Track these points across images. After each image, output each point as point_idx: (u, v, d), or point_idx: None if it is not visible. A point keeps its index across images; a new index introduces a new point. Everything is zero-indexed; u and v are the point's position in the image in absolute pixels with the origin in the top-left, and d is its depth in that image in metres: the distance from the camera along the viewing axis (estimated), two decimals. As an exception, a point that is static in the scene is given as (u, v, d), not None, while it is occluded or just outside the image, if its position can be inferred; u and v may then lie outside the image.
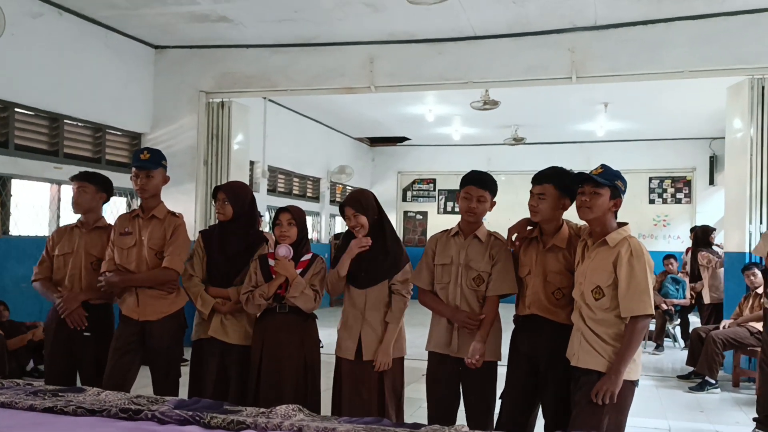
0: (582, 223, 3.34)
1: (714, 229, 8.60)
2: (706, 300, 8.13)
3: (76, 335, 4.02)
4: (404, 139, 14.65)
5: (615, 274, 3.05)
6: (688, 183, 13.72)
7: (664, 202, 13.87)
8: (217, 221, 4.09)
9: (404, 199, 15.72)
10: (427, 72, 7.40)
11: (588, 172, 3.22)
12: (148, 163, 3.97)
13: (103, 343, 4.00)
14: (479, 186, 3.51)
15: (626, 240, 3.10)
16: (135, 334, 3.90)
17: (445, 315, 3.57)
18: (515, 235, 3.53)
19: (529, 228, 3.54)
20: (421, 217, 15.60)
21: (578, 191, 3.18)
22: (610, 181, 3.12)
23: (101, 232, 4.13)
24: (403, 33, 7.23)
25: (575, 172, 3.48)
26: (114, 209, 7.50)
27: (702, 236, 8.52)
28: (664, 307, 8.73)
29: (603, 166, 3.20)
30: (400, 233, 15.50)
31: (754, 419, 5.21)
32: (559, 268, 3.38)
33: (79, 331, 4.00)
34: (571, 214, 3.39)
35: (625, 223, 3.20)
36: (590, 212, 3.13)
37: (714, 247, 8.47)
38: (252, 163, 9.98)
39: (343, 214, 3.71)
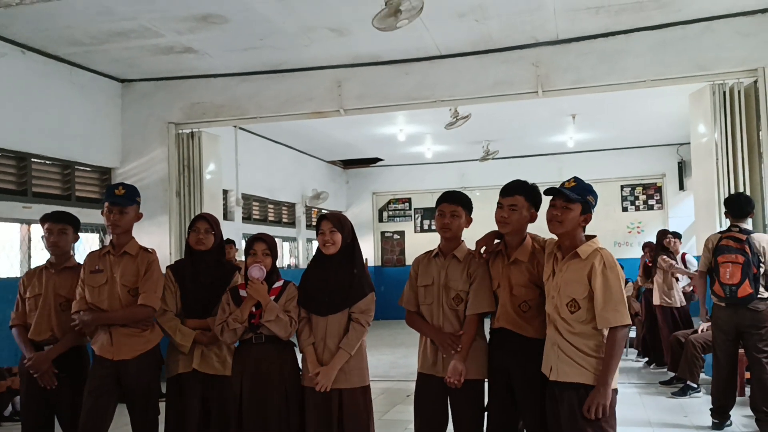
0: (548, 236, 3.38)
1: (667, 233, 8.28)
2: (655, 301, 7.77)
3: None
4: (377, 159, 14.71)
5: (590, 287, 3.07)
6: (659, 189, 13.91)
7: (637, 209, 14.05)
8: (185, 254, 4.08)
9: (380, 220, 15.73)
10: (394, 93, 7.46)
11: (560, 183, 3.25)
12: (123, 199, 3.92)
13: (79, 384, 3.93)
14: (450, 202, 3.60)
15: (598, 252, 3.12)
16: (110, 375, 3.81)
17: (429, 336, 3.60)
18: (483, 248, 3.56)
19: (496, 241, 3.58)
20: (399, 237, 15.61)
21: (550, 203, 3.22)
22: (582, 197, 3.16)
23: (70, 272, 4.06)
24: (368, 55, 7.29)
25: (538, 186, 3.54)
26: (87, 246, 7.41)
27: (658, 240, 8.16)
28: (643, 313, 8.78)
29: (576, 179, 3.23)
30: (378, 254, 15.50)
31: (711, 410, 5.49)
32: (523, 281, 3.41)
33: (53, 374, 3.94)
34: (537, 228, 3.44)
35: (594, 236, 3.23)
36: (561, 227, 3.16)
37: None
38: (225, 191, 9.93)
39: (318, 228, 3.69)
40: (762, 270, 5.16)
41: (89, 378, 3.85)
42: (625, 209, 14.09)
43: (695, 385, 6.57)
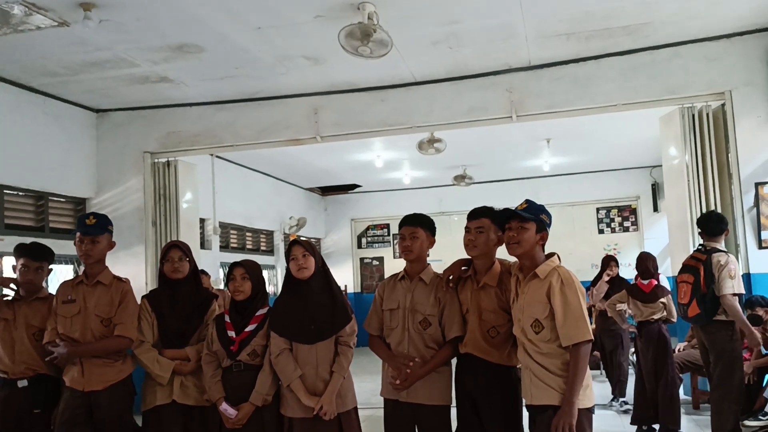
0: (513, 260, 3.41)
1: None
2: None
3: (24, 413, 3.88)
4: (355, 186, 14.73)
5: (550, 305, 3.10)
6: (633, 211, 14.08)
7: (613, 231, 14.18)
8: (159, 283, 4.04)
9: (359, 246, 15.71)
10: (370, 119, 7.50)
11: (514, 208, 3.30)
12: (94, 229, 3.89)
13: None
14: (410, 224, 3.66)
15: (555, 270, 3.17)
16: (81, 405, 3.75)
17: (385, 360, 3.61)
18: (450, 276, 3.57)
19: (463, 268, 3.59)
20: (378, 263, 15.59)
21: (506, 227, 3.27)
22: (534, 216, 3.22)
23: (42, 303, 4.02)
24: (344, 83, 7.34)
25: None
26: (61, 278, 7.29)
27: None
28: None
29: (527, 201, 3.30)
30: (357, 280, 15.45)
31: None
32: (492, 306, 3.42)
33: (28, 408, 3.87)
34: (502, 253, 3.46)
35: (553, 254, 3.27)
36: (519, 247, 3.21)
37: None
38: (202, 220, 9.87)
39: (288, 255, 3.67)
40: (719, 290, 4.98)
41: (60, 410, 3.79)
42: (601, 231, 14.22)
43: (675, 405, 6.58)
